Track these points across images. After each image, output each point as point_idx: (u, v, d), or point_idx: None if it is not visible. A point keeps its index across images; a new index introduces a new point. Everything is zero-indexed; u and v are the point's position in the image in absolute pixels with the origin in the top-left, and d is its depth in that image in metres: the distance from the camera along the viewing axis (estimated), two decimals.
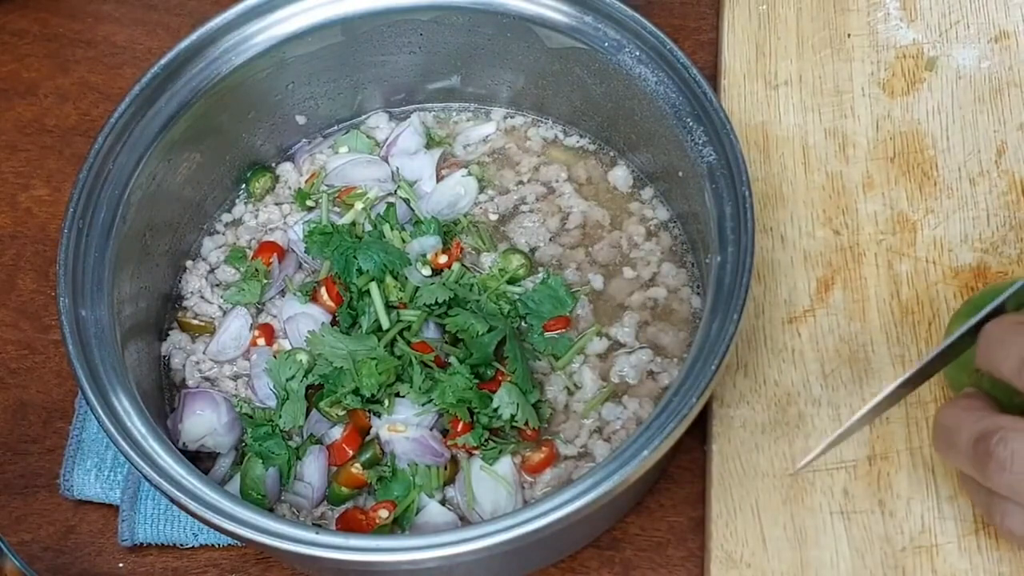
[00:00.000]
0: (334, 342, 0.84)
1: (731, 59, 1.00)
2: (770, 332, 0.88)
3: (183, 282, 0.93)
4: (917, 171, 0.94)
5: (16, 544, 0.86)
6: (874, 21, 1.00)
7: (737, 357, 0.87)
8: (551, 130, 0.98)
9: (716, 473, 0.84)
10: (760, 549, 0.81)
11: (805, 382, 0.86)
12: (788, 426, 0.85)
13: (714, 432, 0.85)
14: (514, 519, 0.71)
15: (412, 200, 0.94)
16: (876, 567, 0.79)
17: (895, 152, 0.95)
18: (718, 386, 0.86)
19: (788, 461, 0.83)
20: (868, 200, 0.93)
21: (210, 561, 0.87)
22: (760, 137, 0.96)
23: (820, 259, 0.91)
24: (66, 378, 0.95)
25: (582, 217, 0.93)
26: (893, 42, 1.00)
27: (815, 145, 0.95)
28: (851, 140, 0.95)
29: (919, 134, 0.95)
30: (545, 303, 0.88)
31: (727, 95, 0.98)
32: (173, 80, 0.87)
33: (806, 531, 0.81)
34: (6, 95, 1.09)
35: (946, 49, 0.99)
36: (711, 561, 0.81)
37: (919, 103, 0.97)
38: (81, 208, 0.83)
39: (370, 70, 0.96)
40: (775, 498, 0.82)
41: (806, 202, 0.93)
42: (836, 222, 0.92)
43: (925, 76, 0.98)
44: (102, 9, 1.13)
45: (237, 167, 0.96)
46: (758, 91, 0.98)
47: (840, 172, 0.94)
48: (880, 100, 0.97)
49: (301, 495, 0.84)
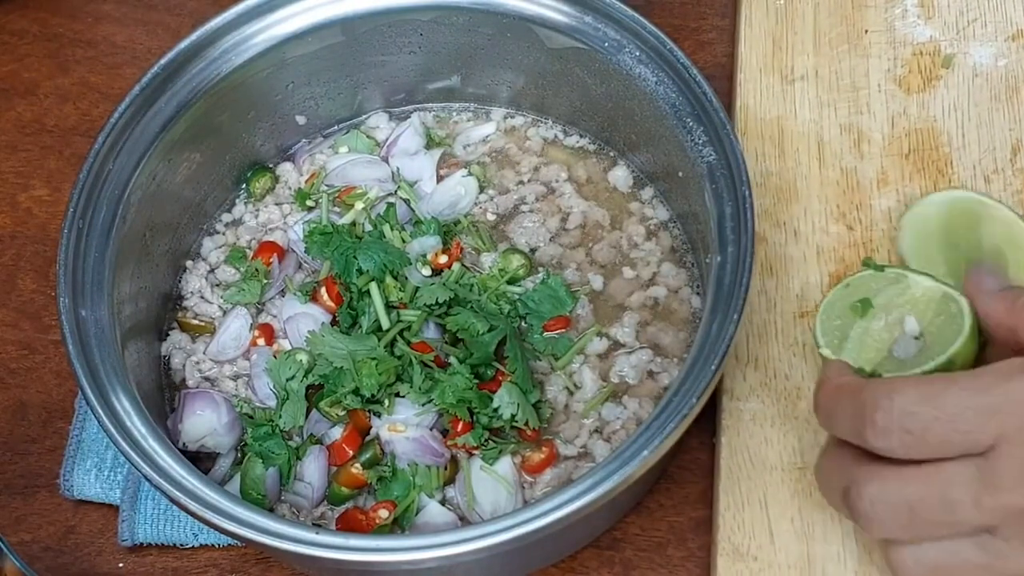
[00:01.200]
0: (334, 342, 0.84)
1: (747, 53, 1.00)
2: (781, 326, 0.88)
3: (183, 282, 0.93)
4: (932, 168, 0.93)
5: (16, 544, 0.86)
6: (891, 17, 1.00)
7: (748, 350, 0.87)
8: (551, 130, 0.98)
9: (725, 466, 0.84)
10: (767, 542, 0.81)
11: (815, 376, 0.86)
12: (798, 420, 0.85)
13: (723, 425, 0.85)
14: (514, 519, 0.71)
15: (412, 201, 0.94)
16: (883, 563, 0.79)
17: (910, 149, 0.95)
18: (728, 379, 0.86)
19: (797, 455, 0.84)
20: (882, 196, 0.93)
21: (210, 561, 0.87)
22: (775, 132, 0.96)
23: (833, 254, 0.91)
24: (66, 378, 0.95)
25: (582, 217, 0.93)
26: (910, 39, 0.99)
27: (830, 140, 0.95)
28: (866, 136, 0.95)
29: (934, 131, 0.95)
30: (545, 303, 0.88)
31: (743, 89, 0.98)
32: (173, 80, 0.87)
33: (814, 525, 0.81)
34: (6, 95, 1.09)
35: (963, 47, 0.99)
36: (718, 554, 0.81)
37: (935, 100, 0.96)
38: (81, 208, 0.83)
39: (370, 70, 0.96)
40: (784, 492, 0.83)
41: (820, 197, 0.93)
42: (850, 218, 0.92)
43: (942, 73, 0.98)
44: (102, 9, 1.13)
45: (237, 167, 0.96)
46: (774, 85, 0.98)
47: (855, 168, 0.94)
48: (896, 96, 0.97)
49: (301, 495, 0.84)
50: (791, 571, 0.80)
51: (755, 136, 0.96)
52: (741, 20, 1.02)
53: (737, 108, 0.97)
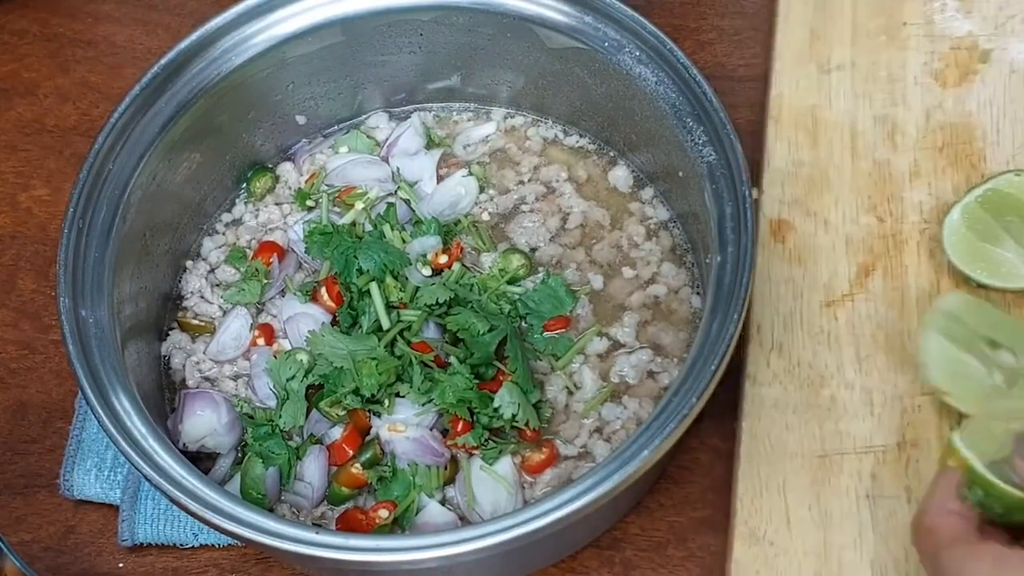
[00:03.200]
0: (334, 342, 0.84)
1: (784, 42, 1.00)
2: (807, 315, 0.88)
3: (183, 282, 0.93)
4: (965, 162, 0.93)
5: (16, 544, 0.86)
6: (930, 11, 1.00)
7: (772, 337, 0.88)
8: (551, 130, 0.98)
9: (745, 451, 0.84)
10: (784, 528, 0.81)
11: (840, 366, 0.86)
12: (820, 408, 0.85)
13: (745, 411, 0.85)
14: (514, 519, 0.71)
15: (413, 201, 0.94)
16: (899, 553, 0.80)
17: (944, 143, 0.95)
18: (751, 365, 0.87)
19: (818, 443, 0.84)
20: (914, 189, 0.93)
21: (210, 561, 0.87)
22: (809, 121, 0.96)
23: (862, 245, 0.91)
24: (66, 378, 0.95)
25: (582, 217, 0.93)
26: (949, 33, 0.99)
27: (864, 132, 0.95)
28: (900, 128, 0.95)
29: (969, 126, 0.95)
30: (545, 303, 0.88)
31: (779, 78, 0.98)
32: (173, 80, 0.87)
33: (831, 513, 0.82)
34: (6, 95, 1.09)
35: (1001, 42, 0.99)
36: (735, 537, 0.81)
37: (971, 95, 0.96)
38: (81, 208, 0.83)
39: (370, 70, 0.96)
40: (803, 479, 0.83)
41: (852, 188, 0.93)
42: (880, 209, 0.92)
43: (979, 68, 0.98)
44: (102, 9, 1.13)
45: (237, 167, 0.96)
46: (810, 75, 0.98)
47: (888, 160, 0.94)
48: (932, 90, 0.97)
49: (301, 495, 0.84)
50: (807, 557, 0.80)
51: (789, 125, 0.96)
52: (779, 9, 1.02)
53: (772, 96, 0.98)
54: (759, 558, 0.81)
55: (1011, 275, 0.87)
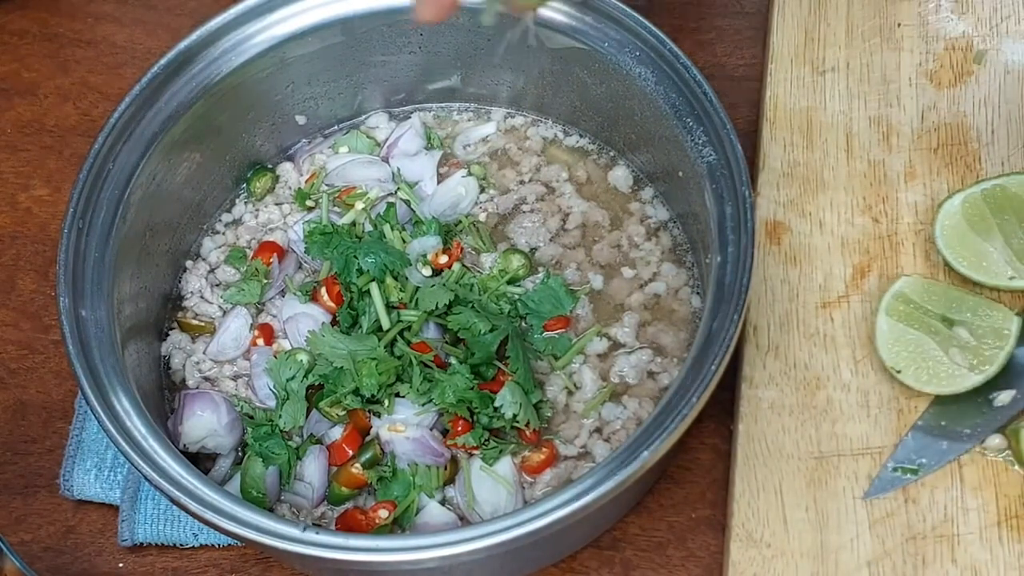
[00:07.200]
0: (334, 342, 0.84)
1: (779, 43, 1.00)
2: (803, 316, 0.89)
3: (183, 282, 0.93)
4: (960, 163, 0.94)
5: (16, 544, 0.86)
6: (925, 12, 1.01)
7: (768, 339, 0.88)
8: (551, 130, 0.98)
9: (741, 453, 0.84)
10: (781, 530, 0.81)
11: (835, 367, 0.86)
12: (816, 410, 0.85)
13: (741, 412, 0.85)
14: (514, 519, 0.71)
15: (413, 202, 0.94)
16: (896, 553, 0.80)
17: (939, 143, 0.95)
18: (747, 367, 0.87)
19: (814, 445, 0.84)
20: (909, 190, 0.93)
21: (210, 561, 0.87)
22: (804, 122, 0.96)
23: (857, 246, 0.91)
24: (66, 378, 0.95)
25: (582, 217, 0.93)
26: (943, 33, 1.00)
27: (859, 132, 0.96)
28: (895, 129, 0.96)
29: (964, 127, 0.95)
30: (545, 303, 0.88)
31: (773, 79, 0.98)
32: (173, 80, 0.87)
33: (828, 514, 0.82)
34: (6, 95, 1.09)
35: (996, 43, 0.99)
36: (731, 539, 0.81)
37: (966, 96, 0.97)
38: (81, 208, 0.83)
39: (370, 70, 0.96)
40: (799, 480, 0.83)
41: (847, 189, 0.93)
42: (876, 210, 0.92)
43: (973, 69, 0.98)
44: (102, 9, 1.13)
45: (237, 167, 0.96)
46: (805, 76, 0.98)
47: (882, 160, 0.94)
48: (927, 91, 0.97)
49: (301, 495, 0.84)
50: (804, 559, 0.80)
51: (783, 126, 0.96)
52: (774, 10, 1.02)
53: (767, 98, 0.98)
54: (756, 560, 0.81)
55: (990, 271, 0.87)
